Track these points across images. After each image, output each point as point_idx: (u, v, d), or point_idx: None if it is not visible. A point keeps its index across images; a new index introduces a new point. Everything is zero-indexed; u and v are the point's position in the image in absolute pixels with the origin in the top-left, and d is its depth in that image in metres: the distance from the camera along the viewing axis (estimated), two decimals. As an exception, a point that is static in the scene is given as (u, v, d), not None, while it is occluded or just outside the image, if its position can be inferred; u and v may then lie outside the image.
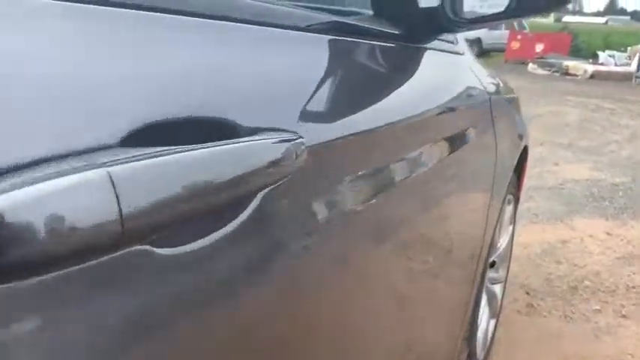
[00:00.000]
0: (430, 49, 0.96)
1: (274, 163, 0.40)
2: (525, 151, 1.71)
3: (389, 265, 0.69)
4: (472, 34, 15.24)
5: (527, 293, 2.26)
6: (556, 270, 2.50)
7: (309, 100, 0.52)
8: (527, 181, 3.83)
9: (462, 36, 1.25)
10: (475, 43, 16.01)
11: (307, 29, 0.64)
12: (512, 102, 1.55)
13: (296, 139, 0.42)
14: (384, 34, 0.84)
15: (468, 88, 1.06)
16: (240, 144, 0.38)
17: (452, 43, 1.09)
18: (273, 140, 0.41)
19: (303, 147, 0.43)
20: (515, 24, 16.34)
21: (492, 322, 1.75)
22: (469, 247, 1.12)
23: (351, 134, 0.55)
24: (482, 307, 1.61)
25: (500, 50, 15.75)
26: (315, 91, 0.55)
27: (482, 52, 16.18)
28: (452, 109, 0.94)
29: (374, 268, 0.63)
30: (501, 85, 1.58)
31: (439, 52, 0.99)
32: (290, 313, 0.46)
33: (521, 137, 1.58)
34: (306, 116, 0.50)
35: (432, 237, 0.89)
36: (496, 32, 15.94)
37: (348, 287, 0.57)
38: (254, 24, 0.50)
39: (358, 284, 0.59)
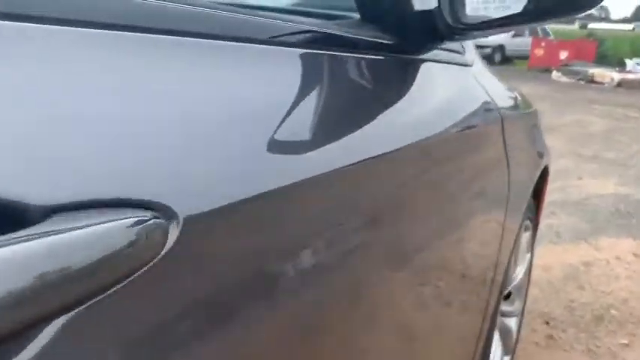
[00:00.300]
0: (428, 60, 0.81)
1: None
2: (546, 171, 1.55)
3: (390, 297, 0.63)
4: (494, 40, 15.06)
5: (547, 323, 2.08)
6: (579, 296, 2.31)
7: (275, 133, 0.44)
8: (549, 195, 3.64)
9: (471, 44, 1.10)
10: (498, 50, 15.82)
11: (274, 41, 0.52)
12: (531, 117, 1.39)
13: (148, 220, 0.28)
14: (372, 44, 0.70)
15: (474, 105, 0.90)
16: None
17: (457, 52, 0.93)
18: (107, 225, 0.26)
19: (159, 229, 0.28)
20: (539, 30, 16.10)
21: (506, 359, 1.58)
22: (477, 281, 0.98)
23: (334, 169, 0.48)
24: (495, 342, 1.45)
25: (524, 57, 15.49)
26: (285, 120, 0.46)
27: (504, 59, 15.96)
28: (453, 132, 0.79)
29: (375, 298, 0.59)
30: (519, 98, 1.41)
31: (439, 65, 0.84)
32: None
33: (540, 156, 1.42)
34: (278, 150, 0.43)
35: (434, 272, 0.77)
36: (519, 39, 15.73)
37: (346, 318, 0.53)
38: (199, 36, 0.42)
39: (358, 315, 0.55)
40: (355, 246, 0.53)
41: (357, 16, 0.80)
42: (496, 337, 1.45)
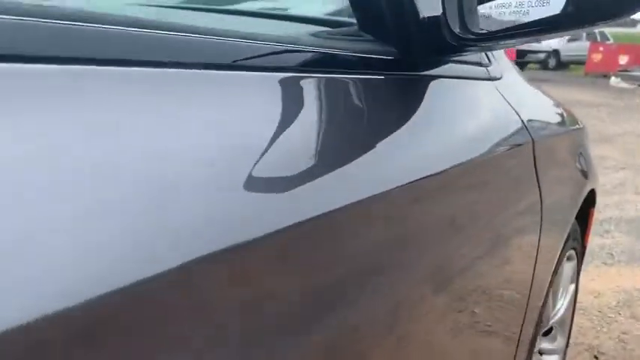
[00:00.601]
0: (438, 77, 0.68)
1: None
2: (592, 194, 1.38)
3: (417, 324, 0.60)
4: (548, 45, 14.58)
5: (596, 358, 1.89)
6: (633, 328, 2.10)
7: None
8: (604, 211, 3.39)
9: (501, 53, 0.96)
10: (552, 56, 15.32)
11: (265, 67, 0.48)
12: (575, 136, 1.23)
13: None
14: (370, 61, 0.59)
15: (495, 126, 0.77)
16: None
17: (477, 64, 0.80)
18: None
19: None
20: (597, 34, 15.47)
21: (545, 402, 1.42)
22: (504, 319, 0.86)
23: (337, 208, 0.44)
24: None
25: (580, 63, 14.93)
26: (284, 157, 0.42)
27: (559, 64, 15.42)
28: (468, 161, 0.66)
29: (402, 324, 0.56)
30: (563, 115, 1.26)
31: (452, 81, 0.72)
32: None
33: (585, 178, 1.26)
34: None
35: (456, 305, 0.69)
36: (575, 43, 15.18)
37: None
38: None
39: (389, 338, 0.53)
40: (376, 282, 0.50)
41: (354, 21, 0.70)
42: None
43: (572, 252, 1.36)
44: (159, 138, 0.34)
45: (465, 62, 0.78)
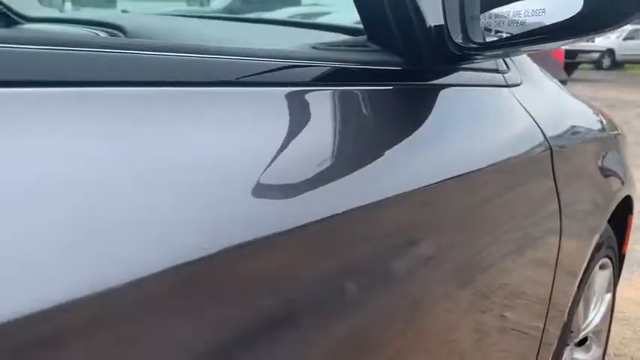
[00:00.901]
0: (448, 86, 0.69)
1: None
2: (628, 201, 1.34)
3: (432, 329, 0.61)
4: (603, 44, 14.08)
5: (638, 370, 1.82)
6: (680, 340, 2.01)
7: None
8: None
9: (523, 58, 0.95)
10: (607, 55, 14.80)
11: (275, 82, 0.49)
12: (605, 143, 1.20)
13: None
14: (380, 72, 0.61)
15: (508, 136, 0.76)
16: None
17: (492, 71, 0.80)
18: None
19: None
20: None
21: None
22: (521, 330, 0.84)
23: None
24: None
25: (637, 62, 14.38)
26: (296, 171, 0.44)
27: (614, 64, 14.89)
28: (476, 170, 0.66)
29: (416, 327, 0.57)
30: (596, 120, 1.23)
31: (463, 90, 0.72)
32: None
33: (618, 185, 1.22)
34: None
35: (471, 313, 0.69)
36: (632, 42, 14.64)
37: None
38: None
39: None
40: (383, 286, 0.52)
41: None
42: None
43: (607, 260, 1.32)
44: (177, 149, 0.37)
45: (479, 69, 0.77)
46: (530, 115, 0.83)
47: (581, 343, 1.45)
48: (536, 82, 0.96)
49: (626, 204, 1.36)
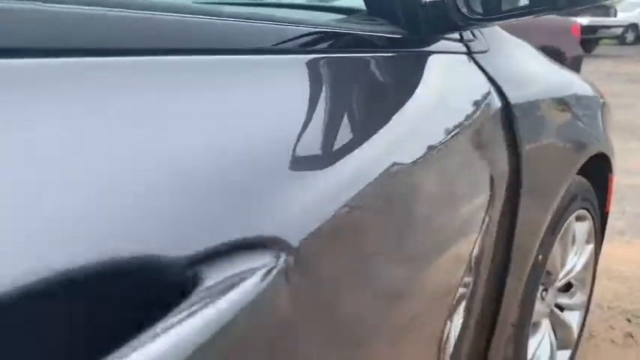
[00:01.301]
0: (434, 52, 0.83)
1: None
2: (605, 161, 1.47)
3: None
4: (626, 18, 13.81)
5: (629, 320, 1.96)
6: (672, 294, 2.13)
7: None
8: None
9: (493, 29, 1.09)
10: (630, 29, 14.50)
11: (279, 49, 0.56)
12: (582, 106, 1.33)
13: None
14: (378, 40, 0.74)
15: (467, 99, 0.89)
16: None
17: (459, 40, 0.94)
18: None
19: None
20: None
21: (563, 353, 1.53)
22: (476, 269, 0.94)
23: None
24: (544, 339, 1.41)
25: (661, 36, 14.06)
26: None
27: (638, 39, 14.59)
28: (434, 127, 0.78)
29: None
30: (575, 84, 1.37)
31: (434, 57, 0.87)
32: None
33: (590, 142, 1.34)
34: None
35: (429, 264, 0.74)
36: (656, 16, 14.29)
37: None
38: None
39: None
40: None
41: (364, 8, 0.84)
42: (543, 330, 1.41)
43: (585, 212, 1.45)
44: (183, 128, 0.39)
45: (446, 38, 0.92)
46: (492, 78, 0.97)
47: (567, 290, 1.59)
48: (503, 49, 1.10)
49: (606, 164, 1.49)
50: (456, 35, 0.94)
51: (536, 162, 1.05)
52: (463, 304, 0.86)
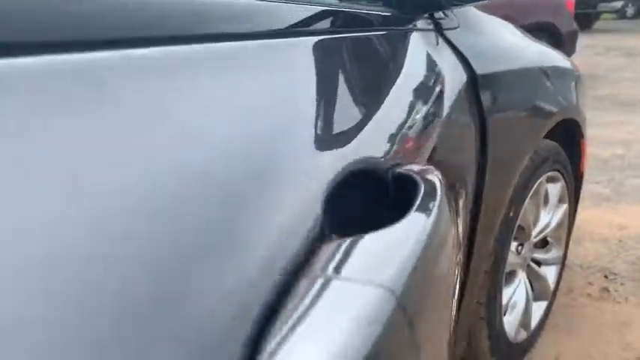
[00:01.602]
0: (407, 31, 0.96)
1: None
2: (575, 126, 1.61)
3: None
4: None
5: (606, 277, 2.11)
6: (649, 254, 2.28)
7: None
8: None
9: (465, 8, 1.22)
10: (630, 3, 14.45)
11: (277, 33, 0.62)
12: (553, 76, 1.45)
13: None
14: (363, 20, 0.86)
15: (436, 72, 1.02)
16: None
17: (430, 18, 1.07)
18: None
19: None
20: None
21: (540, 304, 1.68)
22: None
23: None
24: (519, 288, 1.56)
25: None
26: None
27: (638, 12, 14.55)
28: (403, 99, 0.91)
29: None
30: (547, 56, 1.50)
31: (414, 34, 1.00)
32: None
33: (559, 108, 1.46)
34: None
35: None
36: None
37: None
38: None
39: None
40: None
41: None
42: (521, 283, 1.56)
43: (557, 174, 1.58)
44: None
45: (421, 17, 1.05)
46: (460, 52, 1.10)
47: (544, 247, 1.74)
48: (475, 26, 1.23)
49: (573, 129, 1.62)
50: (427, 15, 1.07)
51: (501, 126, 1.18)
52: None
